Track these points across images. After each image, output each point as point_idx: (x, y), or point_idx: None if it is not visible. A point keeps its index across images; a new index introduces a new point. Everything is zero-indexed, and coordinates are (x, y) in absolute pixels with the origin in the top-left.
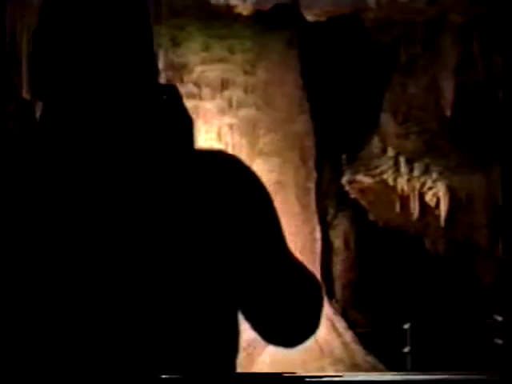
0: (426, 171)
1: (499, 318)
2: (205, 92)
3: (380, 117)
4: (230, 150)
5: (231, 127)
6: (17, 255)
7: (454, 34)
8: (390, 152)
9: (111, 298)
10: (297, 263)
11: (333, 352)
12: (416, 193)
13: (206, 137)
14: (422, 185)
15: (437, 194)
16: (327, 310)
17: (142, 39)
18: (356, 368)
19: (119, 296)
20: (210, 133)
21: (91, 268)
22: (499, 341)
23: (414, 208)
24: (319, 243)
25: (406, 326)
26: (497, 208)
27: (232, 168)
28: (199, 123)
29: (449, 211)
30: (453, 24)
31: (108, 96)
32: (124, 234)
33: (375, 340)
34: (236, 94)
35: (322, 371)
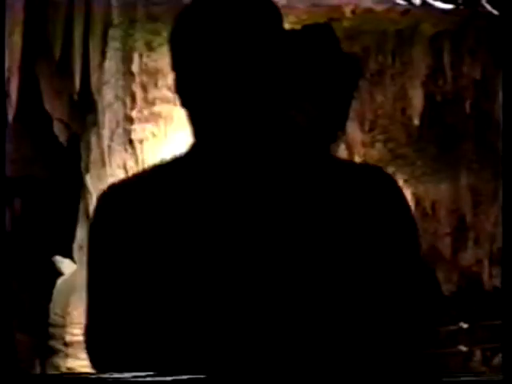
0: None
1: (464, 326)
2: None
3: (346, 125)
4: None
5: None
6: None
7: (425, 45)
8: (356, 160)
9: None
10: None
11: None
12: None
13: (180, 142)
14: None
15: None
16: None
17: (275, 51)
18: None
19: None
20: (184, 138)
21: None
22: (464, 348)
23: None
24: None
25: None
26: (461, 217)
27: (388, 187)
28: (173, 128)
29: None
30: (424, 35)
31: (247, 101)
32: (264, 237)
33: None
34: None
35: None
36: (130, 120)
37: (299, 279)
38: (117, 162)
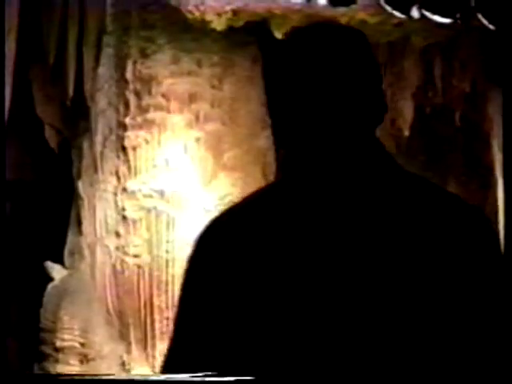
0: None
1: None
2: (173, 105)
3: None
4: (197, 164)
5: (198, 141)
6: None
7: (416, 57)
8: None
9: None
10: None
11: None
12: None
13: (173, 149)
14: None
15: None
16: None
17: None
18: None
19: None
20: (177, 146)
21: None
22: None
23: None
24: None
25: None
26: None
27: (485, 229)
28: (167, 136)
29: None
30: (415, 47)
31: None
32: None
33: None
34: (203, 108)
35: None
36: (123, 127)
37: (379, 295)
38: (109, 169)
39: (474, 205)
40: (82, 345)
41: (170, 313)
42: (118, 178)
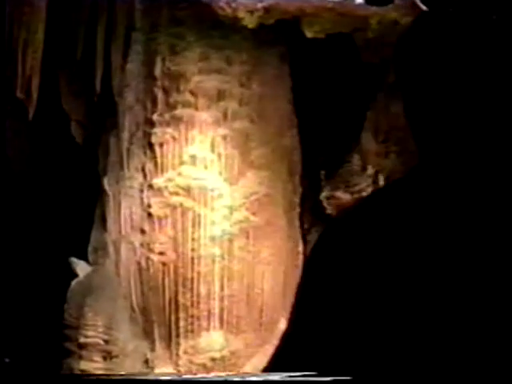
0: None
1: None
2: (201, 102)
3: (361, 135)
4: (223, 162)
5: (225, 138)
6: None
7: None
8: (370, 170)
9: None
10: None
11: None
12: None
13: (200, 147)
14: None
15: None
16: None
17: None
18: None
19: None
20: (205, 143)
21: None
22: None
23: None
24: (301, 257)
25: None
26: None
27: None
28: (194, 133)
29: None
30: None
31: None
32: None
33: None
34: (231, 106)
35: None
36: (151, 123)
37: None
38: (135, 166)
39: None
40: (106, 342)
41: (195, 311)
42: (145, 175)
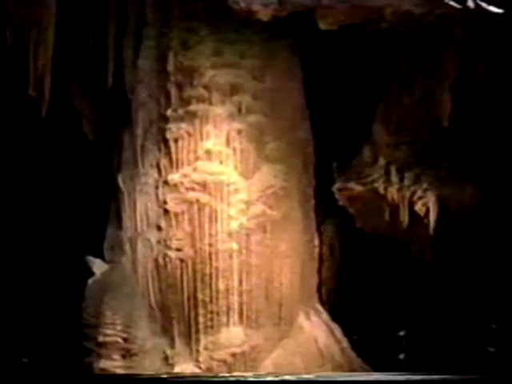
0: (417, 181)
1: (493, 326)
2: (215, 96)
3: (373, 126)
4: (238, 156)
5: (240, 133)
6: None
7: (456, 47)
8: (381, 161)
9: None
10: None
11: (333, 357)
12: (406, 202)
13: (215, 141)
14: (412, 194)
15: (426, 204)
16: (324, 316)
17: None
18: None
19: None
20: (220, 138)
21: None
22: (492, 348)
23: (404, 217)
24: (317, 250)
25: (402, 333)
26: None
27: None
28: (209, 128)
29: (438, 221)
30: (456, 37)
31: None
32: None
33: (369, 347)
34: (245, 100)
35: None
36: (165, 119)
37: None
38: (150, 162)
39: None
40: (125, 340)
41: (214, 306)
42: (159, 171)
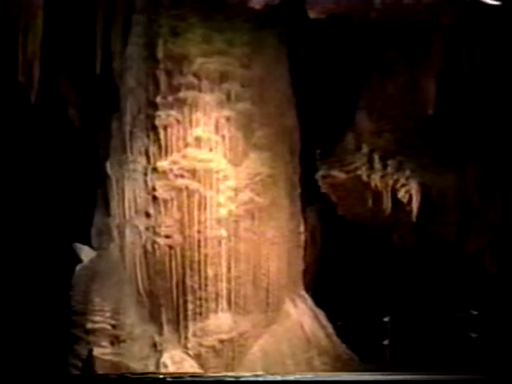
0: (400, 168)
1: (474, 312)
2: (204, 84)
3: (356, 114)
4: (227, 143)
5: (228, 120)
6: None
7: (443, 36)
8: (365, 149)
9: None
10: None
11: (319, 343)
12: (389, 189)
13: (205, 129)
14: (395, 181)
15: (409, 191)
16: (309, 302)
17: None
18: (338, 360)
19: None
20: (209, 125)
21: None
22: (474, 334)
23: (387, 204)
24: (303, 237)
25: (386, 319)
26: (467, 206)
27: None
28: (198, 115)
29: (420, 208)
30: (442, 26)
31: None
32: None
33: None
34: (234, 88)
35: (311, 363)
36: (154, 106)
37: None
38: (138, 148)
39: None
40: (113, 326)
41: (203, 293)
42: (148, 158)
